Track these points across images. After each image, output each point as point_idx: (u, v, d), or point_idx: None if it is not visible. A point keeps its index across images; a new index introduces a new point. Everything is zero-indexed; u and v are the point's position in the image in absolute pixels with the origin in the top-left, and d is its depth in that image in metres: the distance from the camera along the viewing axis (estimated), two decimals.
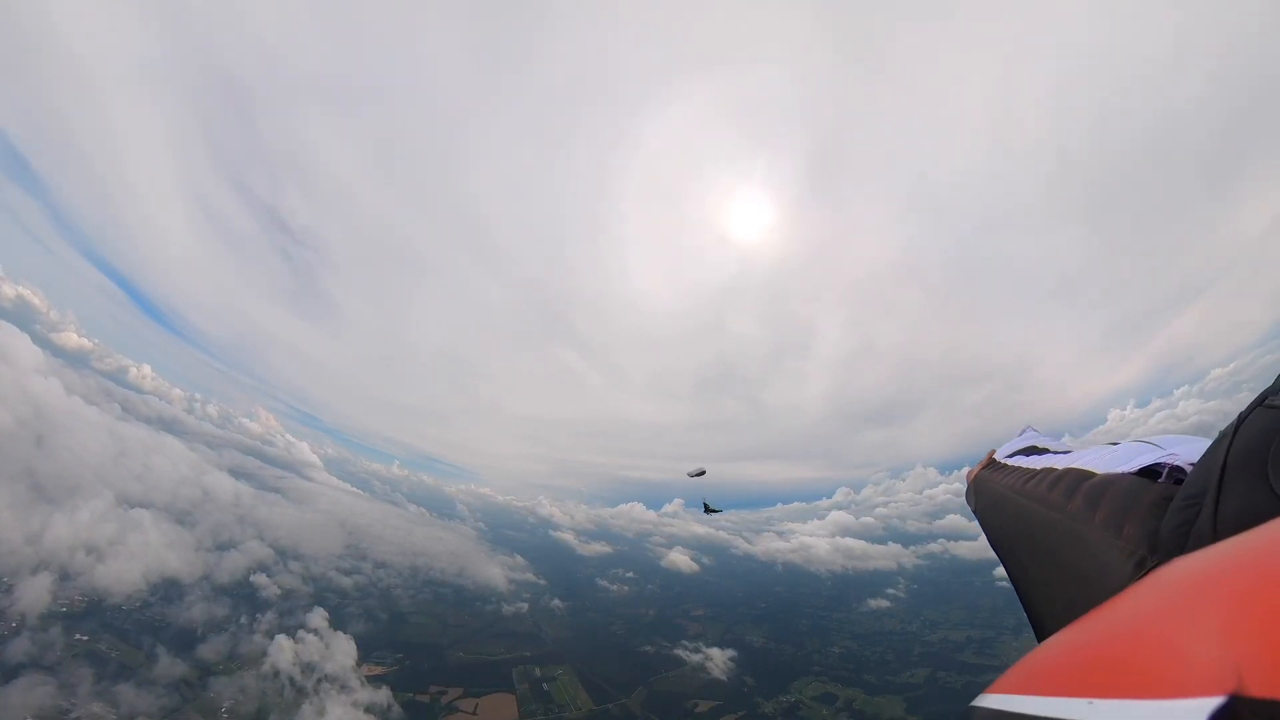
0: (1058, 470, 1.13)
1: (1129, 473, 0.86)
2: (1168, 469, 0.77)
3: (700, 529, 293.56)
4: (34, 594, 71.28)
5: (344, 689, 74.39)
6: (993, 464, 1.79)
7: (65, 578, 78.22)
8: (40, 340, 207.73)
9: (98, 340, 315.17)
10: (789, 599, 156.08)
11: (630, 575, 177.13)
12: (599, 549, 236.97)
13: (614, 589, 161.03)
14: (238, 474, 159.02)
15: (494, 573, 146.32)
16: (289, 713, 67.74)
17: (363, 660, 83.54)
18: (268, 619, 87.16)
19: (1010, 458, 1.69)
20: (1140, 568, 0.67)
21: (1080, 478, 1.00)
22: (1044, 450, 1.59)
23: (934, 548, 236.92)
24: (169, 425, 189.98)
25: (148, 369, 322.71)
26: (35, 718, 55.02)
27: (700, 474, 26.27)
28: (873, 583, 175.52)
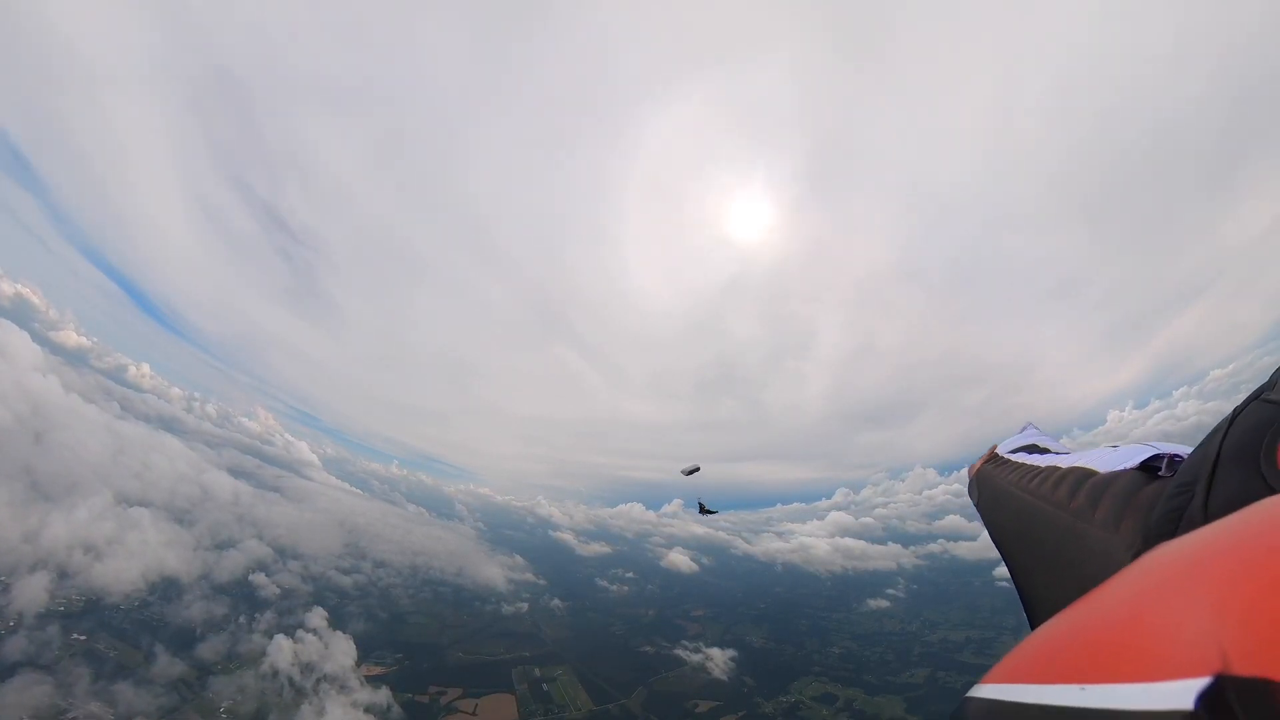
0: (1061, 469, 1.15)
1: (1130, 468, 0.88)
2: (1168, 459, 0.80)
3: (700, 529, 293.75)
4: (31, 592, 71.12)
5: (343, 689, 74.24)
6: (995, 458, 1.78)
7: (63, 576, 78.07)
8: (39, 338, 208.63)
9: (96, 338, 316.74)
10: (789, 599, 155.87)
11: (630, 575, 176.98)
12: (598, 549, 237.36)
13: (614, 589, 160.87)
14: (236, 473, 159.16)
15: (493, 573, 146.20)
16: (288, 713, 67.51)
17: (362, 660, 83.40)
18: (267, 618, 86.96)
19: (1013, 453, 1.68)
20: (1137, 559, 0.64)
21: (1083, 476, 1.02)
22: (1045, 450, 1.59)
23: (934, 548, 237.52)
24: (168, 424, 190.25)
25: (146, 367, 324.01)
26: (32, 717, 54.87)
27: (694, 471, 25.35)
28: (872, 583, 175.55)
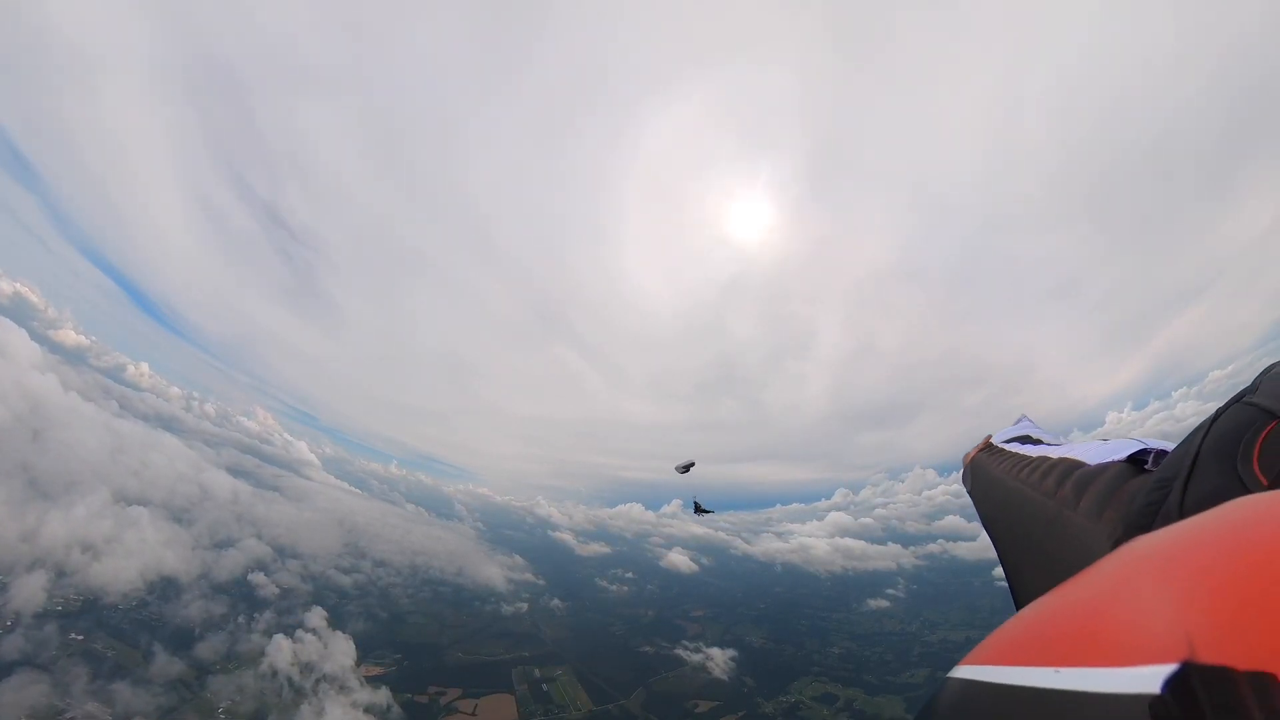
0: (1051, 459, 1.18)
1: (1117, 461, 0.90)
2: (1155, 454, 0.80)
3: (699, 529, 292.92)
4: (29, 592, 70.55)
5: (343, 689, 73.82)
6: (990, 448, 1.83)
7: (61, 575, 77.48)
8: (38, 336, 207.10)
9: (95, 337, 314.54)
10: (788, 599, 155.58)
11: (629, 575, 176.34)
12: (598, 549, 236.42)
13: (613, 589, 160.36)
14: (236, 472, 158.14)
15: (493, 572, 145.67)
16: (287, 713, 67.10)
17: (361, 660, 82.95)
18: (266, 618, 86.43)
19: (1007, 443, 1.73)
20: (1117, 548, 0.70)
21: (1071, 467, 1.04)
22: (1038, 441, 1.65)
23: (933, 548, 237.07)
24: (166, 422, 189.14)
25: (145, 366, 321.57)
26: (29, 717, 54.41)
27: (688, 467, 24.46)
28: (872, 583, 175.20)
